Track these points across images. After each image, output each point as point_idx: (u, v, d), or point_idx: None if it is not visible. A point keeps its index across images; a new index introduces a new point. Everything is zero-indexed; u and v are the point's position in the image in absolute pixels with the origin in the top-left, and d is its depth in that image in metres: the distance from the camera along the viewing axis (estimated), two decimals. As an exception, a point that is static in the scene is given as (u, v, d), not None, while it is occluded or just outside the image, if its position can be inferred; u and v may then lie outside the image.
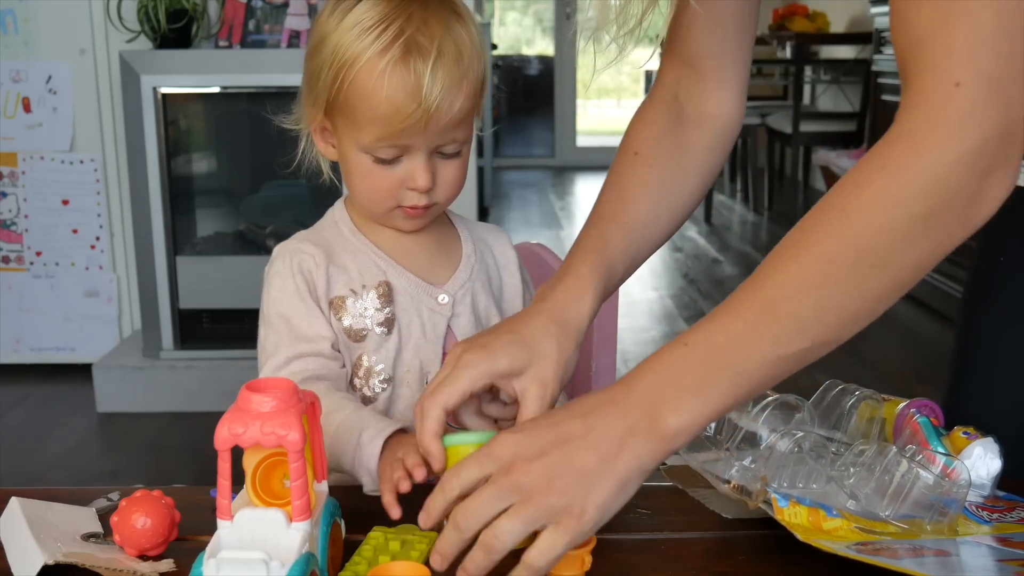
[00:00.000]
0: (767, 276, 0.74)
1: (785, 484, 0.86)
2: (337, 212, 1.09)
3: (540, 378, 0.85)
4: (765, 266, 0.74)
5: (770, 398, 0.91)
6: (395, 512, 0.84)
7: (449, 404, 0.84)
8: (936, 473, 0.84)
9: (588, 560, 0.77)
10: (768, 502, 0.81)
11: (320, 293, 1.03)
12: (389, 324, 1.03)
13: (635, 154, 0.98)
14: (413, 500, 0.94)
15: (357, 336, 1.03)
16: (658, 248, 0.99)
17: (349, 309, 1.03)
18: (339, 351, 1.03)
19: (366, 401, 1.04)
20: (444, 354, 1.05)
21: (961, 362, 0.80)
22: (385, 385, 1.04)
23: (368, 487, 0.93)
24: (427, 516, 0.75)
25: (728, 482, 0.86)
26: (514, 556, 0.72)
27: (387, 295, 1.03)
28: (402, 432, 0.93)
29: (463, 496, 0.73)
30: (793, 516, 0.80)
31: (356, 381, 1.04)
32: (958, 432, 0.93)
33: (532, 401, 0.85)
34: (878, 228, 0.70)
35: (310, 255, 1.03)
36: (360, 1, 0.97)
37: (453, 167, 1.02)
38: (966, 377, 1.06)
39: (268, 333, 1.03)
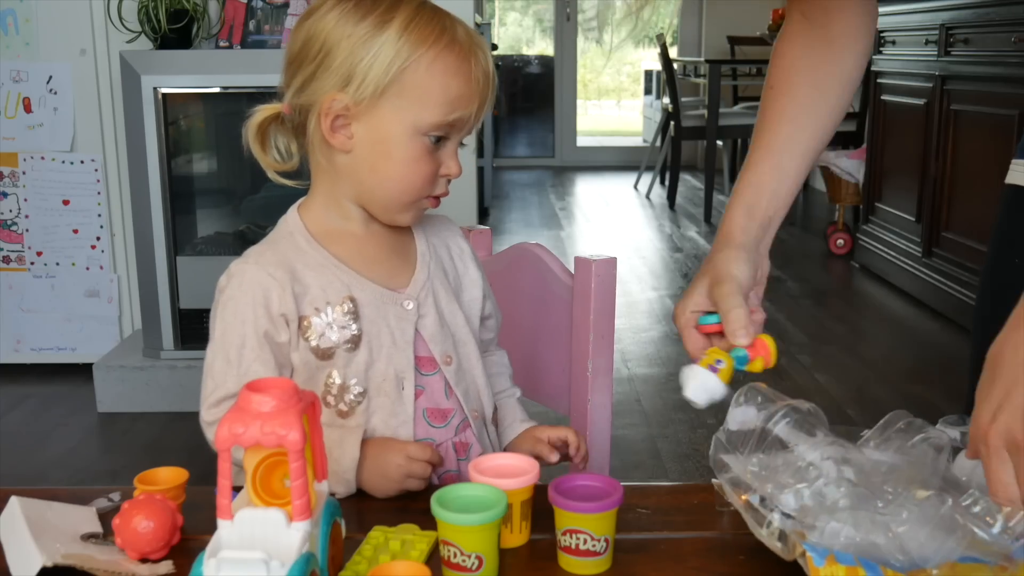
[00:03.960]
0: None
1: (827, 530, 0.78)
2: (292, 222, 1.06)
3: (731, 285, 0.95)
4: None
5: (785, 404, 0.88)
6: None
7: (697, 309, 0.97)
8: (999, 523, 0.76)
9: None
10: (804, 557, 0.75)
11: (290, 315, 1.00)
12: (356, 340, 1.02)
13: (771, 88, 1.05)
14: (412, 499, 0.94)
15: (325, 355, 1.01)
16: (808, 166, 1.04)
17: (315, 328, 1.00)
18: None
19: (342, 416, 1.02)
20: (416, 358, 1.05)
21: (979, 371, 0.79)
22: (360, 399, 1.02)
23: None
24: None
25: (768, 525, 0.80)
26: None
27: (353, 311, 1.02)
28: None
29: None
30: None
31: (329, 399, 1.02)
32: None
33: (728, 296, 0.93)
34: None
35: (272, 277, 1.00)
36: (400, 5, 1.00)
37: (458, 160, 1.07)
38: None
39: (216, 359, 1.00)
